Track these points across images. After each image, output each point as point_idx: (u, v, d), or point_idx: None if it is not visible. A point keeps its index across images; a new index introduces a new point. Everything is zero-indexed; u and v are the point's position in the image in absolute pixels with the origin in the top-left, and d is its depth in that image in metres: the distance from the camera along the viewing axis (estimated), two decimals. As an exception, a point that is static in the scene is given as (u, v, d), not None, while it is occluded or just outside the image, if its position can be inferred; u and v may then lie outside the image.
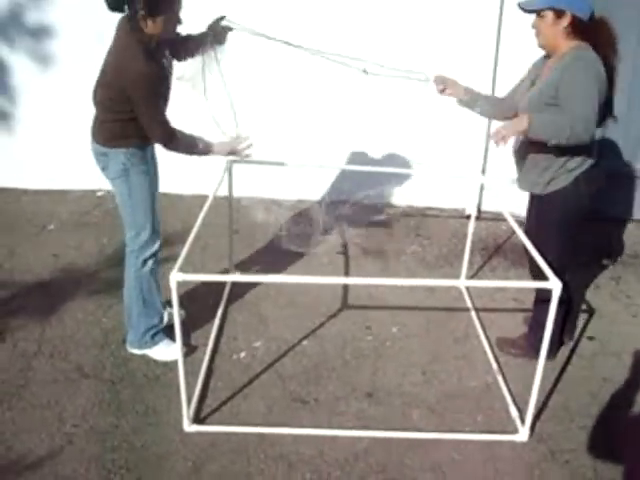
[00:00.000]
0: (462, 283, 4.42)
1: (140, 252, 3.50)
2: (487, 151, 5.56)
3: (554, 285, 2.85)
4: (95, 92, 3.30)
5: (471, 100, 3.66)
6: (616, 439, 3.22)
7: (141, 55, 3.07)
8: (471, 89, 3.69)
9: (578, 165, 3.35)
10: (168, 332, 3.65)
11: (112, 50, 3.20)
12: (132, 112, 3.19)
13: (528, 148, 3.44)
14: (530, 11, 3.27)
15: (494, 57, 5.33)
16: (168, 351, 3.61)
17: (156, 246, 3.55)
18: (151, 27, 3.07)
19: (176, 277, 2.80)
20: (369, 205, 5.78)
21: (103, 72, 3.25)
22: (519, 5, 3.31)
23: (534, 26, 3.30)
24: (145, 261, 3.52)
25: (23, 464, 2.92)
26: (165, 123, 3.24)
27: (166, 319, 3.76)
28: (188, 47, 3.46)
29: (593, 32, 3.22)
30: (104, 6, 3.07)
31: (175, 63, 3.44)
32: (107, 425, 3.17)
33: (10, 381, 3.43)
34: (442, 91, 3.66)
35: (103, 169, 3.43)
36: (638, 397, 3.51)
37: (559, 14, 3.17)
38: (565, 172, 3.36)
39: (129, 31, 3.10)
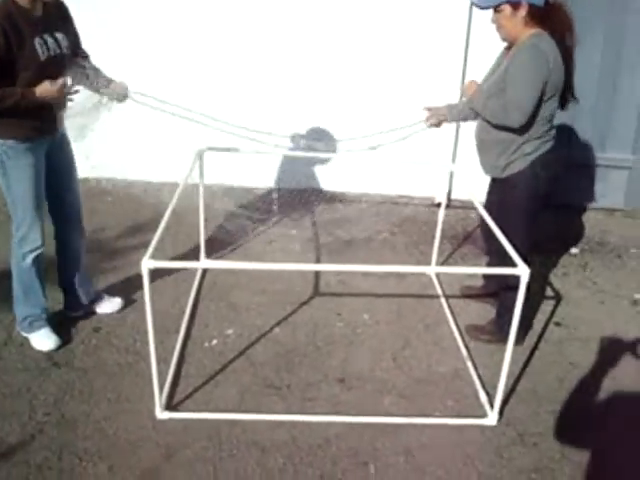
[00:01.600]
0: (432, 270, 4.46)
1: (19, 246, 3.43)
2: (457, 139, 5.60)
3: (522, 271, 2.89)
4: None
5: (456, 113, 3.77)
6: (583, 424, 3.29)
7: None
8: (450, 104, 3.84)
9: (534, 150, 3.45)
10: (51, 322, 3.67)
11: None
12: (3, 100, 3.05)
13: (485, 132, 3.57)
14: (486, 8, 3.38)
15: (464, 53, 5.38)
16: (45, 341, 3.60)
17: (37, 243, 3.44)
18: None
19: (147, 264, 2.79)
20: (338, 193, 5.84)
21: None
22: (473, 3, 3.42)
23: (493, 21, 3.40)
24: (24, 255, 3.45)
25: (-6, 453, 2.91)
26: None
27: None
28: (82, 70, 3.35)
29: (549, 17, 3.31)
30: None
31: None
32: (79, 413, 3.15)
33: (-20, 370, 3.41)
34: (436, 125, 3.87)
35: None
36: (604, 382, 3.57)
37: (516, 6, 3.27)
38: (521, 156, 3.47)
39: None
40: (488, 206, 3.78)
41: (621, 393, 3.48)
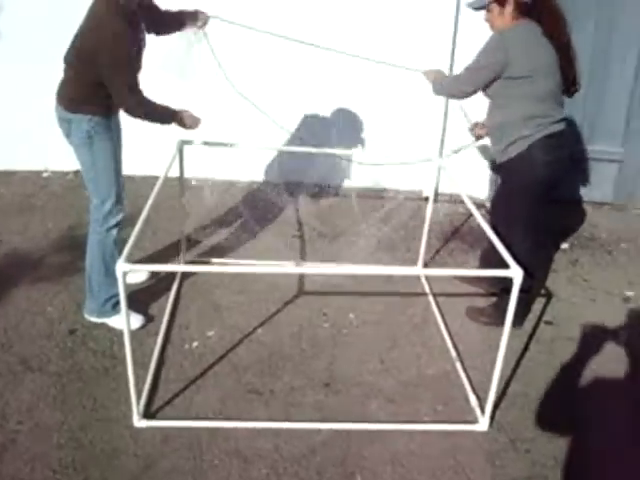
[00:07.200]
0: (420, 271, 4.35)
1: (104, 221, 3.50)
2: (444, 133, 5.51)
3: (515, 273, 2.78)
4: (67, 53, 3.31)
5: None
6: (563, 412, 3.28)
7: (119, 17, 3.12)
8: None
9: (532, 133, 3.51)
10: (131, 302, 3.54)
11: (89, 13, 3.22)
12: (100, 78, 3.20)
13: (488, 118, 3.72)
14: (479, 8, 3.59)
15: (451, 50, 5.29)
16: (132, 320, 3.45)
17: (120, 216, 3.55)
18: None
19: (122, 268, 2.63)
20: (325, 187, 5.73)
21: (78, 34, 3.26)
22: (468, 5, 3.69)
23: (486, 20, 3.60)
24: (108, 230, 3.52)
25: (-37, 464, 2.78)
26: (135, 89, 3.26)
27: None
28: (167, 22, 3.62)
29: (537, 10, 3.49)
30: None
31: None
32: (53, 421, 3.03)
33: (-51, 376, 3.27)
34: (480, 137, 3.94)
35: (67, 136, 3.43)
36: (585, 373, 3.55)
37: (502, 3, 3.47)
38: (519, 139, 3.53)
39: None
40: (495, 198, 3.94)
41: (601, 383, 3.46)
